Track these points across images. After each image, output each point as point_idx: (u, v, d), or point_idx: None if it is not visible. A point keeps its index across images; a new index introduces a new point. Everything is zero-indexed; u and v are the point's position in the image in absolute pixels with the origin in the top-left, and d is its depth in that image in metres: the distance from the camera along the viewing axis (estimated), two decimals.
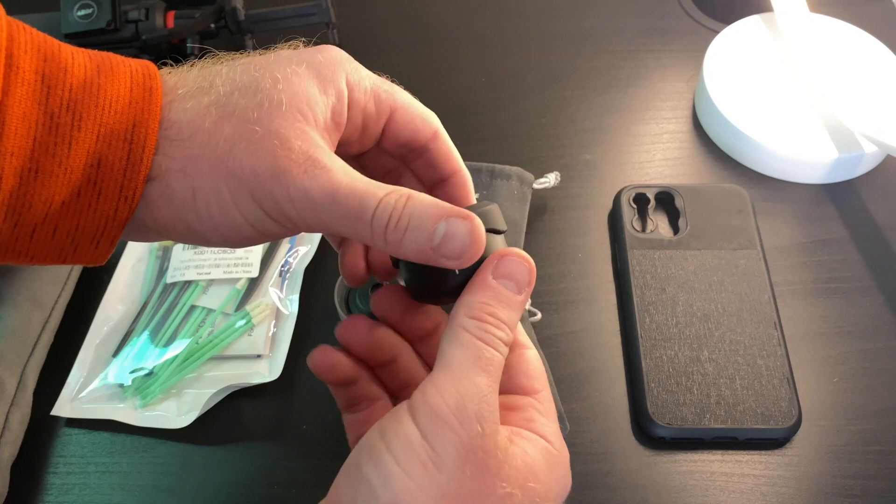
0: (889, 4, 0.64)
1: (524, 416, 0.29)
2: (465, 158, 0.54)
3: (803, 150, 0.52)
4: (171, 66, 0.29)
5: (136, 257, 0.50)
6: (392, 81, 0.31)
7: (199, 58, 0.29)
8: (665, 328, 0.45)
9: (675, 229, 0.50)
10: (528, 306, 0.46)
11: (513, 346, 0.30)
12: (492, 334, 0.27)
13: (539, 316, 0.46)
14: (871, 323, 0.47)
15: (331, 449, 0.43)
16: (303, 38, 0.31)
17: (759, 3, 0.61)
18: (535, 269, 0.29)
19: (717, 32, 0.60)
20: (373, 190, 0.26)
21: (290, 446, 0.43)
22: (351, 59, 0.30)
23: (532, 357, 0.31)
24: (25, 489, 0.42)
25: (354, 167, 0.28)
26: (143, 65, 0.27)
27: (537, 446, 0.28)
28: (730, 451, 0.42)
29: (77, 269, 0.49)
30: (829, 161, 0.52)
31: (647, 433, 0.42)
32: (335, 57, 0.29)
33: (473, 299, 0.27)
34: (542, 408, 0.29)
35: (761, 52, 0.58)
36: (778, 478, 0.41)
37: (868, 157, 0.53)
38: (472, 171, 0.51)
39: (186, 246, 0.49)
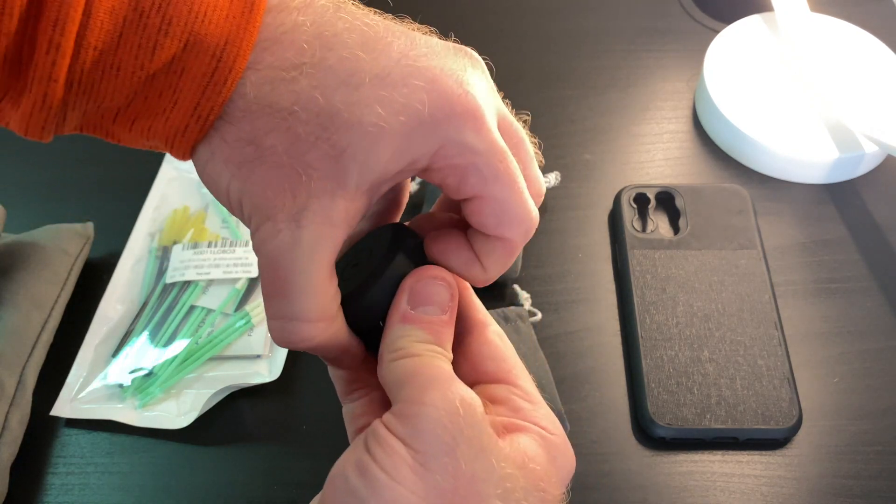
0: (889, 4, 0.64)
1: (509, 408, 0.26)
2: None
3: (804, 150, 0.52)
4: None
5: (135, 257, 0.50)
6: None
7: None
8: (665, 328, 0.45)
9: (676, 229, 0.50)
10: (528, 306, 0.46)
11: (470, 328, 0.28)
12: (425, 353, 0.25)
13: (539, 316, 0.46)
14: (871, 323, 0.47)
15: (331, 449, 0.43)
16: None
17: (759, 2, 0.61)
18: (454, 284, 0.26)
19: (717, 32, 0.60)
20: (303, 306, 0.25)
21: (290, 446, 0.43)
22: (476, 111, 0.25)
23: (494, 336, 0.28)
24: (25, 489, 0.42)
25: None
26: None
27: (531, 435, 0.26)
28: (730, 452, 0.42)
29: (77, 269, 0.49)
30: (830, 161, 0.52)
31: (648, 433, 0.42)
32: (448, 106, 0.24)
33: (393, 336, 0.26)
34: (522, 391, 0.27)
35: (762, 52, 0.58)
36: (778, 478, 0.41)
37: (868, 156, 0.53)
38: None
39: (186, 246, 0.49)
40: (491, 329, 0.28)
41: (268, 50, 0.24)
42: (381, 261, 0.27)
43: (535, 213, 0.27)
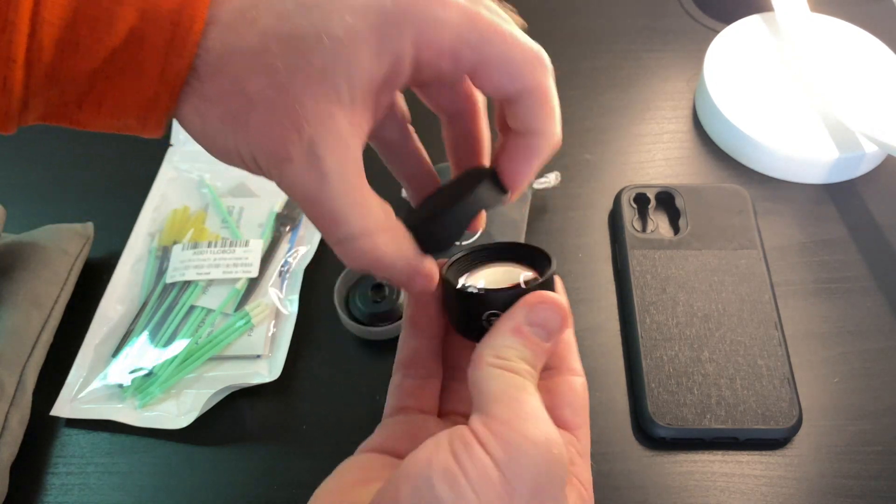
0: (889, 4, 0.64)
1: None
2: None
3: (804, 150, 0.52)
4: None
5: (135, 257, 0.50)
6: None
7: None
8: (665, 328, 0.45)
9: (676, 229, 0.50)
10: None
11: (560, 370, 0.29)
12: (526, 376, 0.25)
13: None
14: (871, 323, 0.47)
15: (331, 449, 0.43)
16: None
17: (759, 2, 0.61)
18: (568, 316, 0.27)
19: (717, 32, 0.60)
20: (350, 219, 0.26)
21: (290, 446, 0.43)
22: (432, 3, 0.25)
23: (579, 387, 0.28)
24: (25, 489, 0.42)
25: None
26: None
27: (576, 490, 0.26)
28: (730, 452, 0.42)
29: (77, 269, 0.49)
30: (830, 161, 0.52)
31: (648, 433, 0.42)
32: (407, 6, 0.24)
33: (501, 342, 0.26)
34: (581, 447, 0.28)
35: (762, 52, 0.58)
36: (778, 478, 0.41)
37: (868, 156, 0.53)
38: None
39: (186, 246, 0.49)
40: (578, 379, 0.29)
41: (210, 36, 0.24)
42: (457, 187, 0.29)
43: (538, 47, 0.27)
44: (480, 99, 0.31)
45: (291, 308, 0.47)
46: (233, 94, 0.24)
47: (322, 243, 0.50)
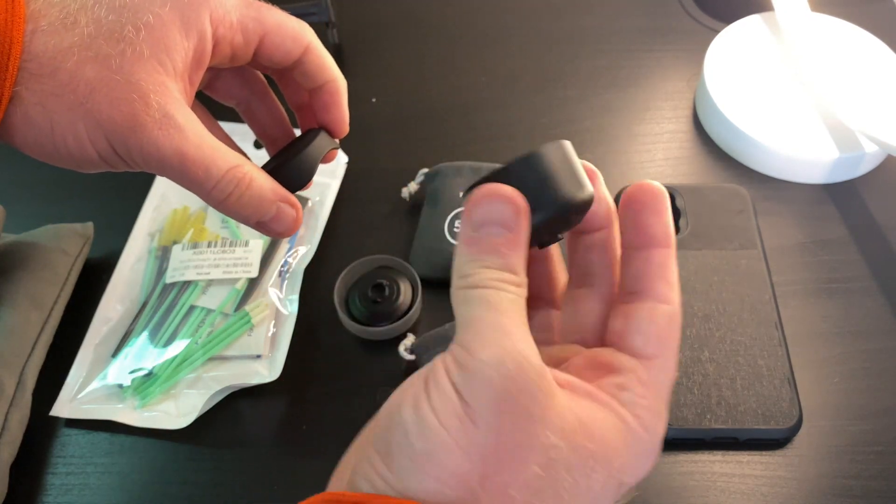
0: (889, 4, 0.64)
1: (615, 382, 0.25)
2: (464, 158, 0.55)
3: (804, 150, 0.52)
4: None
5: (135, 257, 0.50)
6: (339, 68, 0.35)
7: None
8: None
9: (676, 229, 0.50)
10: None
11: (645, 295, 0.26)
12: (492, 285, 0.24)
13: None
14: (872, 323, 0.47)
15: (331, 449, 0.43)
16: None
17: (759, 2, 0.61)
18: (516, 198, 0.25)
19: (717, 32, 0.60)
20: (218, 162, 0.30)
21: (290, 446, 0.43)
22: None
23: (661, 315, 0.25)
24: (25, 489, 0.42)
25: (227, 76, 0.34)
26: None
27: (610, 416, 0.24)
28: (730, 452, 0.42)
29: (77, 269, 0.49)
30: (830, 161, 0.52)
31: None
32: None
33: (459, 262, 0.25)
34: (648, 378, 0.25)
35: (762, 52, 0.58)
36: (779, 478, 0.41)
37: (869, 156, 0.53)
38: (473, 170, 0.51)
39: (186, 246, 0.49)
40: (665, 307, 0.26)
41: (42, 13, 0.28)
42: (301, 141, 0.35)
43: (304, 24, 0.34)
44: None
45: (291, 308, 0.47)
46: (75, 84, 0.28)
47: (322, 244, 0.50)
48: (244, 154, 0.33)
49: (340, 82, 0.35)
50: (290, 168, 0.33)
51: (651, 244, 0.26)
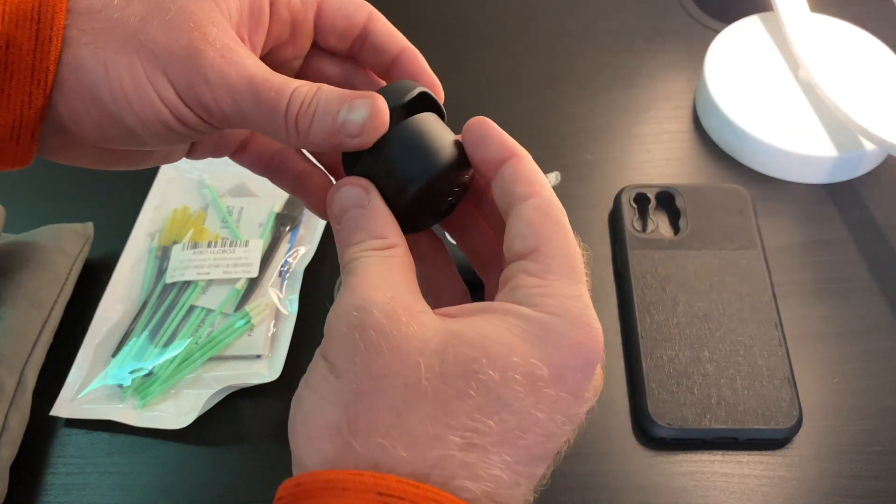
0: (889, 4, 0.64)
1: (508, 289, 0.25)
2: None
3: (804, 150, 0.52)
4: None
5: (135, 257, 0.50)
6: None
7: None
8: (666, 328, 0.45)
9: (676, 229, 0.50)
10: None
11: (511, 207, 0.26)
12: (356, 256, 0.25)
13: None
14: (872, 323, 0.47)
15: None
16: None
17: (759, 2, 0.61)
18: (359, 180, 0.26)
19: (717, 32, 0.60)
20: (287, 80, 0.26)
21: (289, 448, 0.43)
22: None
23: (528, 209, 0.26)
24: (25, 489, 0.42)
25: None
26: None
27: (500, 318, 0.24)
28: (730, 452, 0.42)
29: (77, 269, 0.49)
30: (830, 160, 0.52)
31: (648, 433, 0.42)
32: None
33: (339, 256, 0.27)
34: (537, 268, 0.25)
35: (762, 52, 0.58)
36: (779, 478, 0.41)
37: (869, 156, 0.53)
38: None
39: (186, 246, 0.49)
40: (528, 203, 0.26)
41: None
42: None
43: None
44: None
45: (291, 308, 0.47)
46: (127, 17, 0.25)
47: (322, 244, 0.50)
48: None
49: (415, 50, 0.32)
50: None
51: (501, 162, 0.27)
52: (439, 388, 0.23)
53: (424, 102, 0.29)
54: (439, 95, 0.31)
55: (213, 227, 0.51)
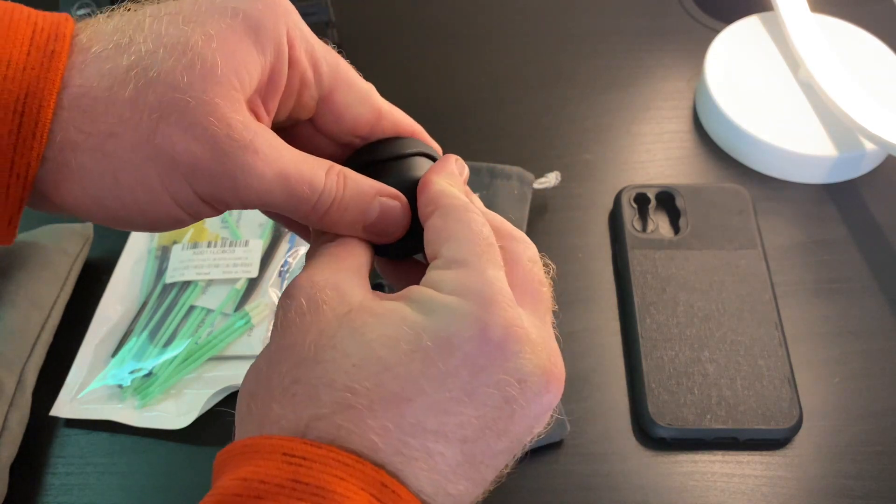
0: (890, 4, 0.64)
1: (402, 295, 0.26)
2: (465, 158, 0.54)
3: (804, 150, 0.52)
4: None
5: (135, 257, 0.50)
6: (373, 81, 0.30)
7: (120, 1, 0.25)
8: (666, 328, 0.45)
9: (676, 229, 0.50)
10: None
11: (424, 226, 0.27)
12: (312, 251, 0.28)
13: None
14: (872, 323, 0.47)
15: None
16: None
17: (759, 2, 0.61)
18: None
19: (717, 32, 0.60)
20: (316, 170, 0.26)
21: None
22: (294, 9, 0.26)
23: (431, 221, 0.27)
24: (24, 490, 0.42)
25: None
26: (55, 21, 0.23)
27: (411, 297, 0.25)
28: (730, 452, 0.42)
29: (76, 269, 0.49)
30: (830, 160, 0.52)
31: (648, 434, 0.42)
32: (275, 5, 0.25)
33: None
34: (441, 262, 0.26)
35: (762, 52, 0.58)
36: (779, 478, 0.41)
37: (869, 156, 0.53)
38: (472, 171, 0.51)
39: (186, 246, 0.49)
40: (432, 216, 0.27)
41: (93, 40, 0.23)
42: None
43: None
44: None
45: None
46: (138, 116, 0.23)
47: None
48: None
49: (420, 128, 0.31)
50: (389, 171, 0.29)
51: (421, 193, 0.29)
52: (327, 348, 0.23)
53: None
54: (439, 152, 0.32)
55: (212, 227, 0.51)
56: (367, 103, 0.29)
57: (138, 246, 0.51)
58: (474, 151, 0.56)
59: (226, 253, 0.48)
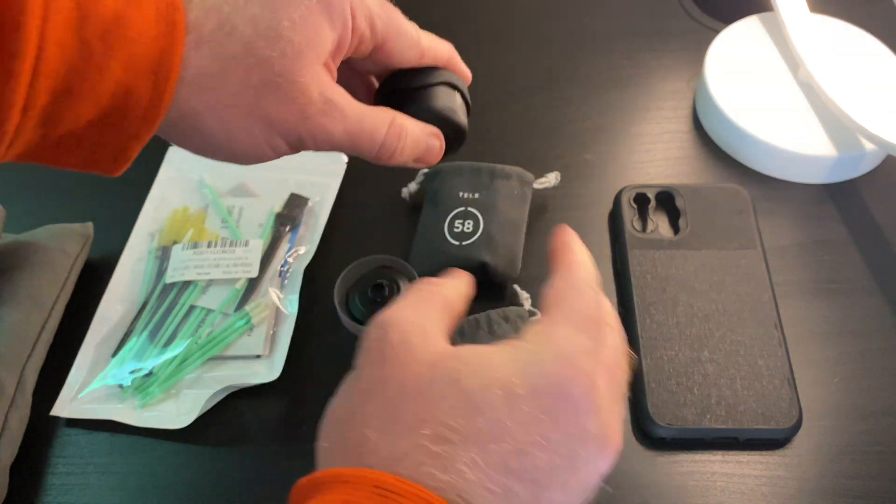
0: (889, 4, 0.64)
1: None
2: (465, 158, 0.55)
3: (804, 150, 0.52)
4: None
5: (135, 257, 0.50)
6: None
7: None
8: (665, 328, 0.45)
9: (676, 229, 0.50)
10: (528, 306, 0.46)
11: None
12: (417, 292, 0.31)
13: (539, 316, 0.46)
14: (871, 323, 0.47)
15: None
16: None
17: (759, 3, 0.61)
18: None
19: (717, 32, 0.60)
20: (378, 126, 0.34)
21: (290, 446, 0.43)
22: None
23: (553, 279, 0.32)
24: (25, 489, 0.42)
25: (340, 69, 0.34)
26: None
27: (503, 346, 0.28)
28: (730, 452, 0.42)
29: (77, 269, 0.49)
30: (830, 160, 0.52)
31: (648, 433, 0.42)
32: None
33: None
34: (545, 319, 0.29)
35: (762, 52, 0.58)
36: (778, 478, 0.41)
37: (868, 156, 0.53)
38: (472, 171, 0.51)
39: (186, 246, 0.49)
40: (556, 274, 0.32)
41: (201, 23, 0.29)
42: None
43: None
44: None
45: (291, 308, 0.47)
46: (246, 93, 0.30)
47: (322, 244, 0.50)
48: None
49: (456, 57, 0.39)
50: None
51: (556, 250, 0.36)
52: (424, 390, 0.26)
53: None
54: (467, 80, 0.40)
55: (213, 226, 0.51)
56: (413, 47, 0.36)
57: (138, 246, 0.51)
58: (474, 151, 0.56)
59: (226, 253, 0.48)
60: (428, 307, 0.30)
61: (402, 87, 0.36)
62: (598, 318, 0.29)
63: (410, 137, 0.35)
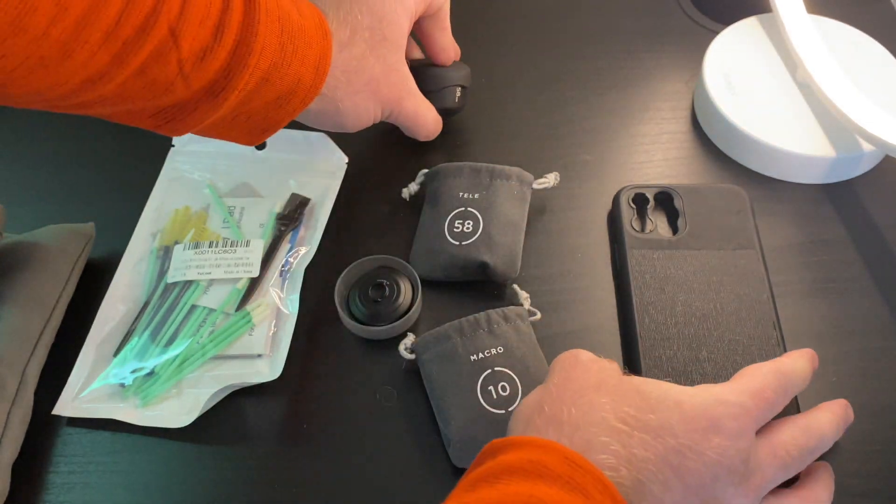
0: (887, 6, 0.64)
1: None
2: (465, 158, 0.55)
3: (802, 150, 0.53)
4: None
5: (137, 257, 0.50)
6: None
7: None
8: (664, 328, 0.45)
9: (675, 229, 0.50)
10: (528, 306, 0.46)
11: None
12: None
13: (539, 316, 0.46)
14: (869, 323, 0.47)
15: (331, 448, 0.43)
16: None
17: (758, 4, 0.61)
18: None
19: (716, 33, 0.60)
20: (431, 112, 0.51)
21: (290, 446, 0.43)
22: None
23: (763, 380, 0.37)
24: (26, 489, 0.42)
25: None
26: (315, 9, 0.41)
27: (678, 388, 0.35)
28: None
29: (78, 269, 0.49)
30: (828, 161, 0.53)
31: None
32: None
33: None
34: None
35: (761, 53, 0.58)
36: None
37: (867, 156, 0.53)
38: (472, 171, 0.51)
39: (188, 246, 0.49)
40: (776, 376, 0.37)
41: (336, 31, 0.43)
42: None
43: None
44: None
45: (292, 308, 0.47)
46: (371, 83, 0.45)
47: (322, 244, 0.50)
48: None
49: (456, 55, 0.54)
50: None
51: None
52: (611, 391, 0.34)
53: None
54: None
55: (214, 226, 0.51)
56: (447, 50, 0.52)
57: (140, 246, 0.51)
58: (474, 151, 0.56)
59: (227, 253, 0.49)
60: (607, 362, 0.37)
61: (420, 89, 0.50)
62: (770, 399, 0.35)
63: (438, 125, 0.52)
